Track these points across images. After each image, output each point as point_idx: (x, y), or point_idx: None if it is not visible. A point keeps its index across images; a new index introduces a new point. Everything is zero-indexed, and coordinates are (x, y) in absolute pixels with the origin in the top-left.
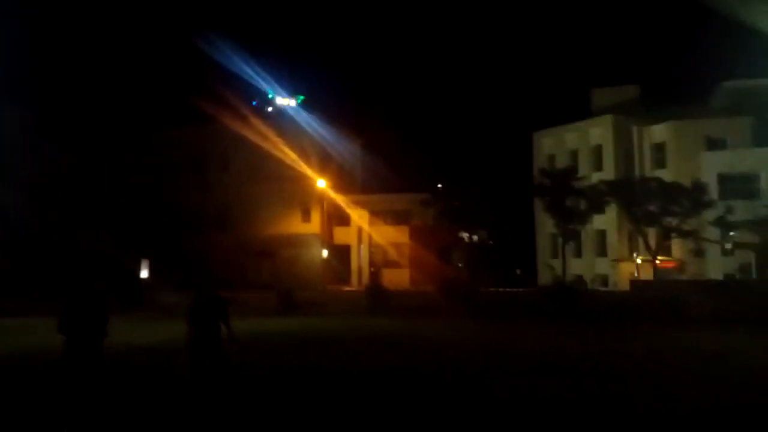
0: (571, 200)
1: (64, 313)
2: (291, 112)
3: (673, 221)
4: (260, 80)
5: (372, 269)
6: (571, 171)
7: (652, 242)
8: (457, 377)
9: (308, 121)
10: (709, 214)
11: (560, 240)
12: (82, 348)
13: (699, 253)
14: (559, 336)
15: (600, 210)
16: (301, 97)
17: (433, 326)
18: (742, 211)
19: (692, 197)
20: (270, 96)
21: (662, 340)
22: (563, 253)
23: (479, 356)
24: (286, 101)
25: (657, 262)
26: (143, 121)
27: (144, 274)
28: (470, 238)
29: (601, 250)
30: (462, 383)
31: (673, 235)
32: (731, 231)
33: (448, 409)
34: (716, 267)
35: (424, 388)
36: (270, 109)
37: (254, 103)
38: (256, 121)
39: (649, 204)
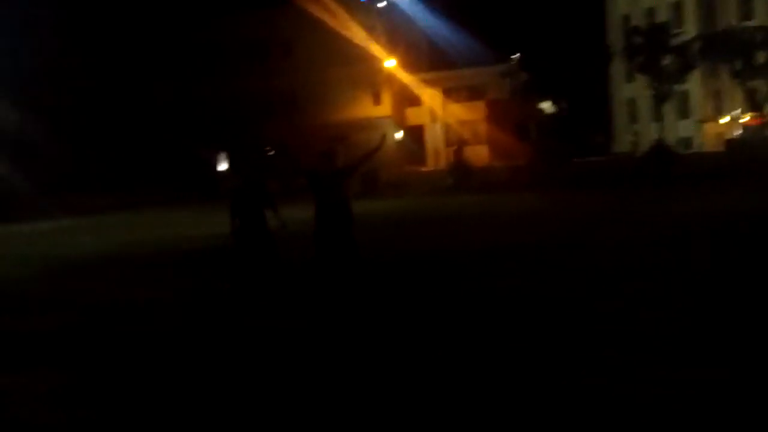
0: (667, 59)
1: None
2: None
3: None
4: None
5: (455, 146)
6: (666, 27)
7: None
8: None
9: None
10: None
11: (638, 105)
12: (253, 232)
13: None
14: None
15: (693, 67)
16: None
17: (529, 200)
18: None
19: None
20: None
21: None
22: (659, 114)
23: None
24: None
25: (746, 119)
26: (196, 10)
27: (223, 166)
28: (554, 105)
29: (683, 112)
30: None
31: None
32: None
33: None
34: None
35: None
36: None
37: None
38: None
39: (753, 56)
